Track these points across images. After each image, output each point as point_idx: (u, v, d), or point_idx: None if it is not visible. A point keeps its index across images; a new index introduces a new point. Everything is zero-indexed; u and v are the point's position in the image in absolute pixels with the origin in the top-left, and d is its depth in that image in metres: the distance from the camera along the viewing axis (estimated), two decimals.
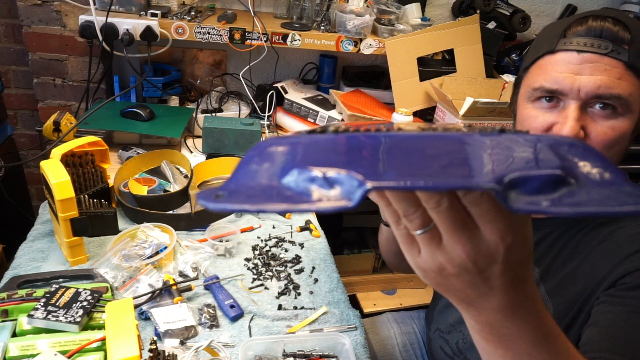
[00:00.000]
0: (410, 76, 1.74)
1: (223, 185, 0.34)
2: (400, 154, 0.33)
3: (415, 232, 0.38)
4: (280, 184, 0.32)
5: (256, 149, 0.37)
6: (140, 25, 1.50)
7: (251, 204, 0.31)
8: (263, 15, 1.72)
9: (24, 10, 1.63)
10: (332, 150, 0.35)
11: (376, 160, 0.32)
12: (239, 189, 0.33)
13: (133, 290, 0.97)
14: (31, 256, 1.06)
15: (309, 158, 0.33)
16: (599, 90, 0.70)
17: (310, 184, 0.31)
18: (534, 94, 0.76)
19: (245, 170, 0.35)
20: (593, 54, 0.71)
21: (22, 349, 0.76)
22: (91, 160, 1.16)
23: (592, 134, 0.72)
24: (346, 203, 0.30)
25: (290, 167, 0.33)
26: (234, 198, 0.32)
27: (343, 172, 0.31)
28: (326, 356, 0.89)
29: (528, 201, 0.31)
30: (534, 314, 0.44)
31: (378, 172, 0.31)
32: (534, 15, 1.88)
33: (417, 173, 0.31)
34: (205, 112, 1.72)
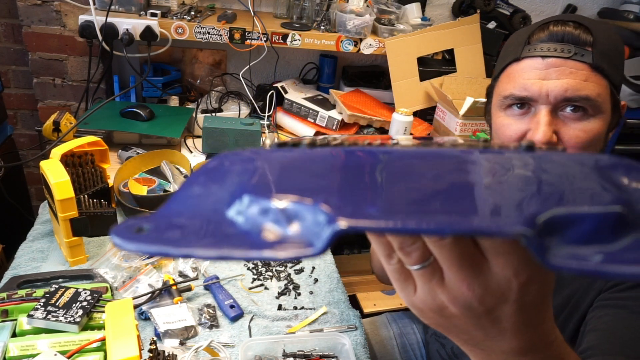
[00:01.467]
0: (410, 76, 1.74)
1: (154, 214, 0.26)
2: (391, 177, 0.25)
3: (412, 268, 0.33)
4: (224, 217, 0.24)
5: (205, 166, 0.29)
6: (140, 25, 1.50)
7: (175, 246, 0.23)
8: (263, 15, 1.72)
9: (24, 10, 1.63)
10: (301, 170, 0.26)
11: (357, 186, 0.24)
12: (169, 222, 0.25)
13: (133, 290, 0.97)
14: (31, 256, 1.06)
15: (266, 181, 0.25)
16: (567, 93, 0.71)
17: (261, 218, 0.23)
18: (505, 102, 0.77)
19: (185, 195, 0.27)
20: (557, 58, 0.72)
21: (22, 349, 0.76)
22: (91, 160, 1.16)
23: (565, 137, 0.73)
24: (304, 250, 0.22)
25: (239, 193, 0.25)
26: (157, 235, 0.24)
27: (307, 201, 0.22)
28: (326, 356, 0.89)
29: (573, 254, 0.21)
30: (553, 356, 0.39)
31: (357, 202, 0.23)
32: (534, 15, 1.87)
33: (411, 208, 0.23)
34: (205, 112, 1.71)
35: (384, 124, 1.66)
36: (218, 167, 0.28)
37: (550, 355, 0.38)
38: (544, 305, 0.35)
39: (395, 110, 1.60)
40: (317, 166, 0.26)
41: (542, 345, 0.37)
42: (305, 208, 0.22)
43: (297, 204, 0.22)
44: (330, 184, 0.24)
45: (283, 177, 0.26)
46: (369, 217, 0.21)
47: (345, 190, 0.24)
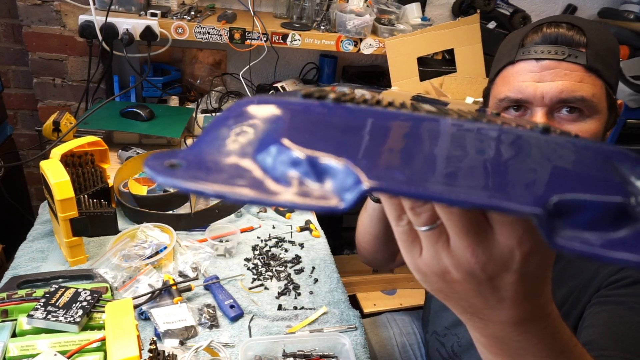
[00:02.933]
0: (410, 76, 1.74)
1: (183, 150, 0.27)
2: (417, 145, 0.25)
3: (420, 229, 0.34)
4: (255, 163, 0.25)
5: (234, 108, 0.29)
6: (140, 25, 1.50)
7: (211, 183, 0.23)
8: (263, 15, 1.72)
9: (24, 10, 1.63)
10: (329, 125, 0.26)
11: (383, 150, 0.25)
12: (200, 160, 0.25)
13: (133, 290, 0.97)
14: (31, 256, 1.06)
15: (296, 132, 0.25)
16: (562, 95, 0.71)
17: (292, 169, 0.24)
18: (501, 104, 0.78)
19: (213, 136, 0.27)
20: (551, 60, 0.72)
21: (22, 349, 0.76)
22: (91, 160, 1.16)
23: None
24: (336, 203, 0.23)
25: (270, 142, 0.25)
26: (191, 172, 0.24)
27: (340, 161, 0.23)
28: (326, 356, 0.89)
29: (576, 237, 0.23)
30: (549, 328, 0.40)
31: (382, 167, 0.23)
32: (535, 15, 1.87)
33: (434, 177, 0.23)
34: (205, 112, 1.72)
35: None
36: (246, 109, 0.28)
37: (546, 327, 0.39)
38: (544, 278, 0.36)
39: None
40: (343, 122, 0.27)
41: (539, 317, 0.38)
42: (338, 167, 0.23)
43: (330, 162, 0.23)
44: (356, 144, 0.25)
45: (313, 132, 0.26)
46: (393, 181, 0.22)
47: (370, 152, 0.24)
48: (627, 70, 1.69)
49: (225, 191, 0.23)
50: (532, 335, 0.39)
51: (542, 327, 0.39)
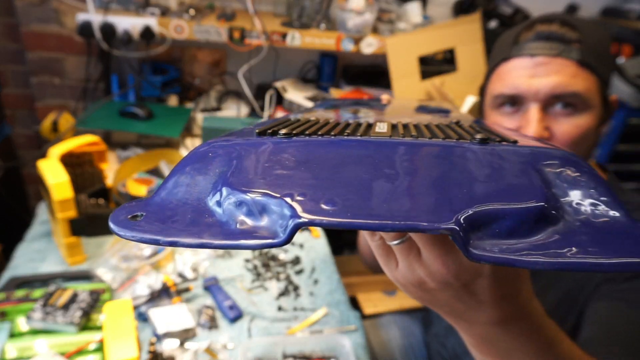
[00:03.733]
0: (410, 75, 1.73)
1: (146, 200, 0.29)
2: (347, 172, 0.27)
3: (392, 243, 0.35)
4: (206, 207, 0.27)
5: (192, 155, 0.31)
6: (139, 24, 1.50)
7: (165, 234, 0.25)
8: (262, 14, 1.71)
9: (22, 9, 1.62)
10: (275, 162, 0.28)
11: (317, 182, 0.26)
12: (161, 209, 0.27)
13: (131, 291, 0.97)
14: (29, 257, 1.05)
15: (241, 174, 0.27)
16: (556, 90, 0.72)
17: (238, 210, 0.26)
18: (496, 100, 0.79)
19: (174, 182, 0.29)
20: (544, 56, 0.73)
21: (20, 350, 0.76)
22: (89, 160, 1.15)
23: (557, 133, 0.74)
24: (270, 241, 0.24)
25: (218, 186, 0.27)
26: (149, 224, 0.26)
27: (275, 195, 0.25)
28: (326, 358, 0.88)
29: (497, 246, 0.24)
30: (533, 326, 0.41)
31: (317, 198, 0.25)
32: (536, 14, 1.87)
33: (360, 205, 0.25)
34: (204, 111, 1.71)
35: None
36: (203, 156, 0.30)
37: (529, 325, 0.40)
38: (519, 279, 0.37)
39: None
40: (289, 158, 0.29)
41: (520, 316, 0.39)
42: (272, 202, 0.25)
43: (267, 198, 0.25)
44: (299, 177, 0.27)
45: (258, 169, 0.28)
46: (324, 213, 0.24)
47: (310, 185, 0.26)
48: (630, 69, 1.69)
49: (176, 241, 0.25)
50: (516, 333, 0.40)
51: (525, 325, 0.40)
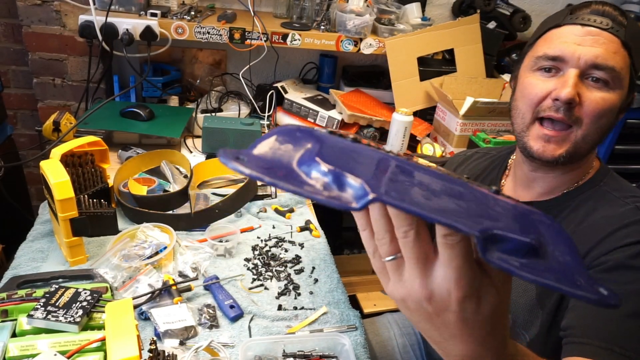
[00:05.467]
0: (410, 76, 1.74)
1: (244, 150, 0.35)
2: (408, 180, 0.35)
3: (385, 259, 0.39)
4: (299, 169, 0.34)
5: (283, 130, 0.39)
6: (140, 25, 1.50)
7: (269, 176, 0.32)
8: (263, 15, 1.72)
9: (24, 10, 1.63)
10: (349, 155, 0.37)
11: (384, 178, 0.34)
12: (258, 158, 0.35)
13: (133, 290, 0.97)
14: (31, 256, 1.06)
15: (326, 155, 0.35)
16: (597, 59, 0.77)
17: (324, 177, 0.34)
18: (537, 62, 0.83)
19: (267, 144, 0.37)
20: (595, 28, 0.78)
21: (22, 349, 0.76)
22: (91, 160, 1.16)
23: (585, 101, 0.78)
24: (354, 205, 0.32)
25: (311, 158, 0.35)
26: (253, 164, 0.33)
27: (357, 180, 0.33)
28: (326, 356, 0.89)
29: (501, 257, 0.33)
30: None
31: (383, 188, 0.33)
32: (535, 15, 1.87)
33: (414, 199, 0.33)
34: (205, 112, 1.71)
35: (383, 124, 1.66)
36: (293, 133, 0.38)
37: None
38: (488, 324, 0.39)
39: (395, 110, 1.60)
40: (359, 156, 0.37)
41: (491, 357, 0.41)
42: (354, 182, 0.33)
43: (350, 178, 0.33)
44: (367, 170, 0.35)
45: (338, 157, 0.36)
46: (390, 196, 0.32)
47: (376, 177, 0.34)
48: None
49: (277, 182, 0.32)
50: None
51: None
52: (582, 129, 0.79)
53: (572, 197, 0.85)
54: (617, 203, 0.80)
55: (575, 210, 0.83)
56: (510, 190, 0.94)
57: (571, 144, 0.79)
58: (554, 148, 0.80)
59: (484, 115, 1.58)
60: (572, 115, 0.78)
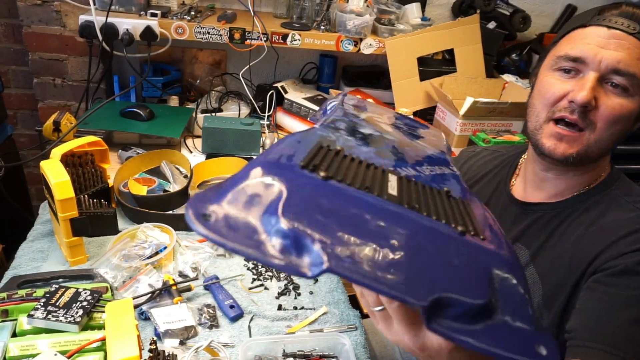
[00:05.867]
0: (410, 76, 1.74)
1: (215, 197, 0.35)
2: (369, 232, 0.35)
3: (373, 309, 0.42)
4: (262, 227, 0.34)
5: (253, 173, 0.38)
6: (140, 25, 1.50)
7: (231, 240, 0.32)
8: (263, 15, 1.72)
9: (24, 10, 1.63)
10: (314, 204, 0.36)
11: (344, 239, 0.34)
12: (226, 216, 0.34)
13: (133, 290, 0.97)
14: (31, 256, 1.06)
15: (290, 207, 0.35)
16: (619, 65, 0.74)
17: (284, 240, 0.33)
18: (558, 62, 0.81)
19: (236, 193, 0.36)
20: (621, 31, 0.76)
21: (22, 349, 0.76)
22: (91, 160, 1.16)
23: (602, 106, 0.76)
24: (308, 273, 0.32)
25: (274, 211, 0.34)
26: (218, 225, 0.33)
27: (316, 244, 0.33)
28: (326, 356, 0.89)
29: (447, 325, 0.33)
30: None
31: (340, 255, 0.33)
32: (534, 15, 1.87)
33: (372, 268, 0.33)
34: (205, 112, 1.72)
35: None
36: (259, 184, 0.37)
37: None
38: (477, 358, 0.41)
39: (396, 110, 1.60)
40: (325, 204, 0.36)
41: None
42: (313, 248, 0.33)
43: (307, 240, 0.33)
44: (330, 227, 0.34)
45: (302, 210, 0.35)
46: (343, 268, 0.32)
47: (337, 237, 0.34)
48: None
49: (238, 249, 0.33)
50: None
51: None
52: (595, 133, 0.77)
53: (582, 199, 0.84)
54: (627, 208, 0.79)
55: (585, 213, 0.82)
56: (520, 191, 0.93)
57: (583, 145, 0.78)
58: (565, 147, 0.79)
59: (483, 116, 1.58)
60: (587, 118, 0.76)
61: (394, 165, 0.50)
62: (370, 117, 0.66)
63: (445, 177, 0.54)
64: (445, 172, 0.55)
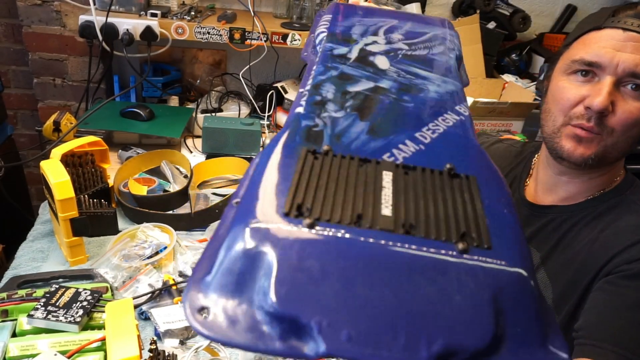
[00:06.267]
0: None
1: (205, 285, 0.34)
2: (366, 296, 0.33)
3: None
4: (258, 314, 0.33)
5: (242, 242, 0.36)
6: (140, 25, 1.50)
7: (234, 338, 0.32)
8: (263, 15, 1.72)
9: (24, 10, 1.63)
10: (305, 272, 0.34)
11: (342, 306, 0.33)
12: (222, 309, 0.33)
13: (133, 290, 0.97)
14: (31, 256, 1.06)
15: (282, 284, 0.33)
16: (637, 68, 0.72)
17: (280, 325, 0.32)
18: (572, 66, 0.78)
19: (224, 275, 0.35)
20: (638, 33, 0.73)
21: (22, 349, 0.77)
22: (91, 160, 1.16)
23: (618, 110, 0.74)
24: (309, 355, 0.31)
25: (266, 292, 0.33)
26: (218, 323, 0.33)
27: (313, 323, 0.31)
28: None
29: None
30: None
31: (340, 331, 0.32)
32: (534, 15, 1.88)
33: (373, 343, 0.31)
34: (205, 112, 1.72)
35: None
36: (248, 255, 0.35)
37: None
38: None
39: None
40: (315, 266, 0.34)
41: None
42: (312, 335, 0.31)
43: (306, 327, 0.31)
44: (325, 299, 0.32)
45: (296, 281, 0.33)
46: (344, 350, 0.31)
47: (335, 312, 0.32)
48: None
49: (243, 346, 0.32)
50: None
51: None
52: (612, 137, 0.75)
53: (595, 203, 0.83)
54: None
55: (598, 218, 0.81)
56: (531, 192, 0.92)
57: (601, 147, 0.76)
58: (584, 149, 0.77)
59: (483, 115, 1.58)
60: (603, 124, 0.75)
61: (391, 143, 0.45)
62: (363, 51, 0.59)
63: (448, 135, 0.48)
64: (448, 121, 0.50)
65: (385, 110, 0.50)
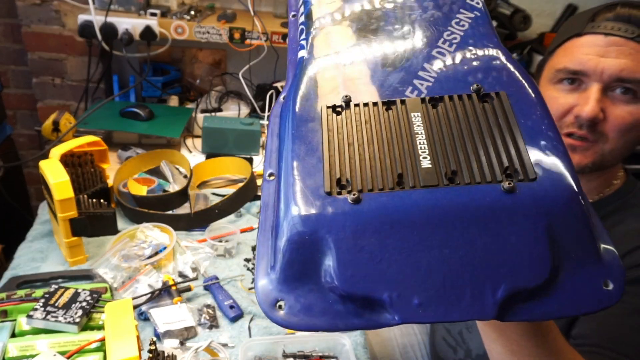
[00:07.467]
0: None
1: (274, 280, 0.35)
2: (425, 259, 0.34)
3: None
4: (330, 296, 0.34)
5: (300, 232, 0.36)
6: (140, 24, 1.50)
7: (313, 323, 0.34)
8: (263, 15, 1.72)
9: (23, 9, 1.63)
10: (363, 252, 0.34)
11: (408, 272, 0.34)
12: (295, 298, 0.34)
13: (132, 290, 0.97)
14: (30, 256, 1.05)
15: (344, 268, 0.34)
16: (622, 73, 0.71)
17: (353, 302, 0.34)
18: (557, 75, 0.77)
19: (288, 267, 0.35)
20: (620, 37, 0.72)
21: (21, 349, 0.76)
22: (90, 160, 1.15)
23: (610, 116, 0.73)
24: (389, 323, 0.33)
25: (331, 278, 0.34)
26: (291, 312, 0.34)
27: (384, 296, 0.33)
28: (326, 357, 0.88)
29: (521, 309, 0.33)
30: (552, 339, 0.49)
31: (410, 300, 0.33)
32: (535, 15, 1.87)
33: (439, 304, 0.33)
34: (204, 111, 1.71)
35: None
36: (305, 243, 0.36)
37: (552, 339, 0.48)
38: None
39: None
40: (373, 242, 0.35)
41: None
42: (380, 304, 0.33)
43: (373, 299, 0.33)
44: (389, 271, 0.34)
45: (357, 263, 0.34)
46: (417, 315, 0.33)
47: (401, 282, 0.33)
48: None
49: (324, 329, 0.34)
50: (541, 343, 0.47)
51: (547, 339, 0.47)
52: (608, 144, 0.74)
53: (596, 208, 0.83)
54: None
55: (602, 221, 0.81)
56: None
57: (597, 155, 0.75)
58: (580, 158, 0.75)
59: None
60: (596, 131, 0.73)
61: (410, 71, 0.42)
62: None
63: (467, 43, 0.44)
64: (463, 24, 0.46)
65: (392, 25, 0.46)
